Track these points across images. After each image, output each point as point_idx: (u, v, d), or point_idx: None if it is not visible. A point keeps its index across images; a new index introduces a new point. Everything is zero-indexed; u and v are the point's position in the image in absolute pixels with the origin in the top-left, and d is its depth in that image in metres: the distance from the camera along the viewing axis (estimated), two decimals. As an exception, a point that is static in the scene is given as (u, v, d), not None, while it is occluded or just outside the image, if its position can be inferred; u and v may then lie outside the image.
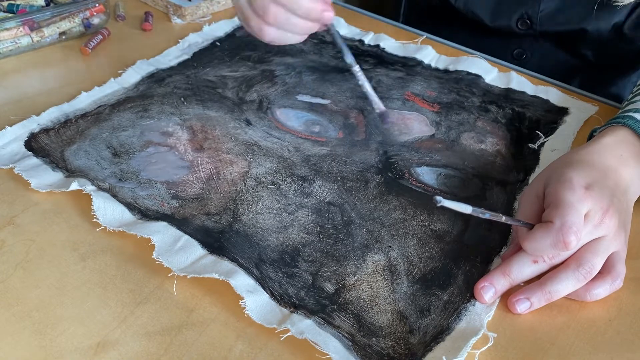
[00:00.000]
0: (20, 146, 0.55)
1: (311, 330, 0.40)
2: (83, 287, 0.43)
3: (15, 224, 0.48)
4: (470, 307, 0.42)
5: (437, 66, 0.71)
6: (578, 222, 0.41)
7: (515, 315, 0.42)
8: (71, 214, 0.49)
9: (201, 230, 0.47)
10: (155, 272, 0.44)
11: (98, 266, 0.45)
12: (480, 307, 0.42)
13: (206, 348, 0.39)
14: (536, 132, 0.59)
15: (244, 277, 0.43)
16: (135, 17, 0.81)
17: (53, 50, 0.73)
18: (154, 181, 0.52)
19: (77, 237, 0.47)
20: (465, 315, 0.42)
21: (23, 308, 0.42)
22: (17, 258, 0.45)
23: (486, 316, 0.41)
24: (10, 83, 0.66)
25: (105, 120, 0.59)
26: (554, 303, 0.43)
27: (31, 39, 0.71)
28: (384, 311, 0.42)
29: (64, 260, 0.45)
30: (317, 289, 0.43)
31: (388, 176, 0.54)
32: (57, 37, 0.73)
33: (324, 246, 0.47)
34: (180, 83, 0.66)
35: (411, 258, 0.46)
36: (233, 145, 0.57)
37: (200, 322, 0.41)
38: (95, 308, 0.42)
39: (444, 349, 0.39)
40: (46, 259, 0.45)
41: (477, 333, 0.40)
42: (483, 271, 0.45)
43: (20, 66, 0.69)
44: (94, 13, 0.75)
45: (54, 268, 0.44)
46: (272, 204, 0.50)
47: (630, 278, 0.44)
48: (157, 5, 0.84)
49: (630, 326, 0.42)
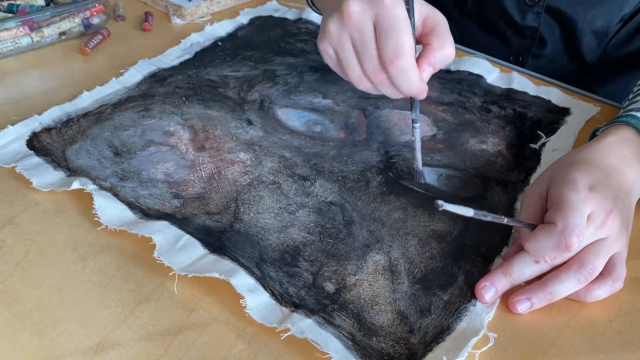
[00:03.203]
0: (22, 145, 0.55)
1: (312, 329, 0.40)
2: (83, 287, 0.43)
3: (15, 224, 0.48)
4: (470, 307, 0.42)
5: (439, 66, 0.71)
6: (581, 224, 0.41)
7: (515, 315, 0.42)
8: (71, 213, 0.49)
9: (202, 229, 0.47)
10: (156, 272, 0.44)
11: (98, 266, 0.45)
12: (481, 307, 0.42)
13: (206, 348, 0.39)
14: (537, 132, 0.59)
15: (244, 276, 0.43)
16: (135, 17, 0.81)
17: (53, 50, 0.73)
18: (156, 180, 0.52)
19: (77, 237, 0.47)
20: (466, 316, 0.42)
21: (23, 308, 0.41)
22: (17, 258, 0.45)
23: (487, 316, 0.41)
24: (10, 83, 0.66)
25: (106, 119, 0.59)
26: (554, 303, 0.43)
27: (31, 39, 0.71)
28: (384, 311, 0.42)
29: (64, 260, 0.45)
30: (318, 288, 0.43)
31: (389, 176, 0.54)
32: (57, 37, 0.73)
33: (324, 246, 0.47)
34: (182, 83, 0.66)
35: (412, 258, 0.46)
36: (234, 144, 0.57)
37: (200, 322, 0.41)
38: (95, 308, 0.42)
39: (444, 348, 0.39)
40: (46, 259, 0.45)
41: (477, 333, 0.40)
42: (484, 271, 0.45)
43: (20, 66, 0.69)
44: (94, 13, 0.75)
45: (54, 268, 0.44)
46: (273, 203, 0.50)
47: (630, 278, 0.44)
48: (157, 5, 0.84)
49: (630, 326, 0.42)
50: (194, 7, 0.80)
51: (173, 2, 0.80)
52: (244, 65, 0.70)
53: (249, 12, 0.82)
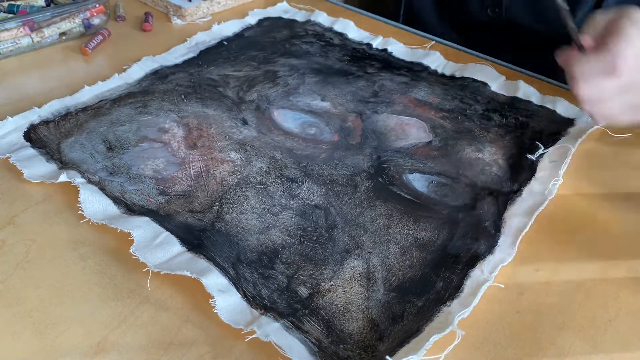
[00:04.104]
0: (19, 136, 0.56)
1: (277, 333, 0.39)
2: (83, 287, 0.43)
3: (16, 224, 0.48)
4: (444, 308, 0.41)
5: (444, 72, 0.70)
6: (632, 53, 0.45)
7: (515, 315, 0.42)
8: (71, 214, 0.49)
9: (183, 227, 0.47)
10: (156, 272, 0.43)
11: (98, 266, 0.45)
12: (455, 306, 0.41)
13: (206, 348, 0.39)
14: (536, 143, 0.57)
15: (217, 276, 0.43)
16: (135, 18, 0.81)
17: (53, 50, 0.73)
18: (144, 176, 0.52)
19: (77, 237, 0.47)
20: (437, 317, 0.41)
21: (23, 308, 0.41)
22: (17, 258, 0.45)
23: (458, 315, 0.40)
24: (10, 83, 0.66)
25: (104, 114, 0.60)
26: (554, 303, 0.43)
27: (31, 39, 0.71)
28: (355, 318, 0.41)
29: (64, 260, 0.45)
30: (291, 292, 0.43)
31: (378, 181, 0.53)
32: (57, 37, 0.74)
33: (303, 249, 0.46)
34: (182, 80, 0.66)
35: (390, 266, 0.45)
36: (226, 144, 0.57)
37: (200, 322, 0.41)
38: (95, 308, 0.41)
39: (405, 351, 0.38)
40: (46, 259, 0.45)
41: (443, 330, 0.39)
42: (463, 276, 0.43)
43: (21, 66, 0.70)
44: (94, 14, 0.76)
45: (54, 268, 0.44)
46: (258, 204, 0.50)
47: (630, 278, 0.44)
48: (157, 6, 0.84)
49: (630, 326, 0.42)
50: (194, 7, 0.80)
51: (173, 2, 0.81)
52: (247, 65, 0.70)
53: (258, 13, 0.82)
